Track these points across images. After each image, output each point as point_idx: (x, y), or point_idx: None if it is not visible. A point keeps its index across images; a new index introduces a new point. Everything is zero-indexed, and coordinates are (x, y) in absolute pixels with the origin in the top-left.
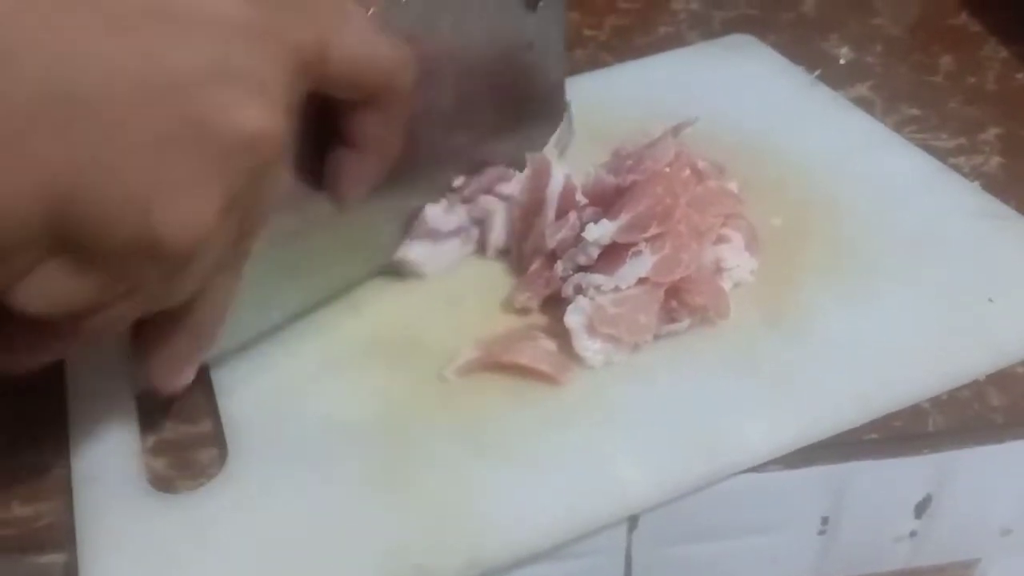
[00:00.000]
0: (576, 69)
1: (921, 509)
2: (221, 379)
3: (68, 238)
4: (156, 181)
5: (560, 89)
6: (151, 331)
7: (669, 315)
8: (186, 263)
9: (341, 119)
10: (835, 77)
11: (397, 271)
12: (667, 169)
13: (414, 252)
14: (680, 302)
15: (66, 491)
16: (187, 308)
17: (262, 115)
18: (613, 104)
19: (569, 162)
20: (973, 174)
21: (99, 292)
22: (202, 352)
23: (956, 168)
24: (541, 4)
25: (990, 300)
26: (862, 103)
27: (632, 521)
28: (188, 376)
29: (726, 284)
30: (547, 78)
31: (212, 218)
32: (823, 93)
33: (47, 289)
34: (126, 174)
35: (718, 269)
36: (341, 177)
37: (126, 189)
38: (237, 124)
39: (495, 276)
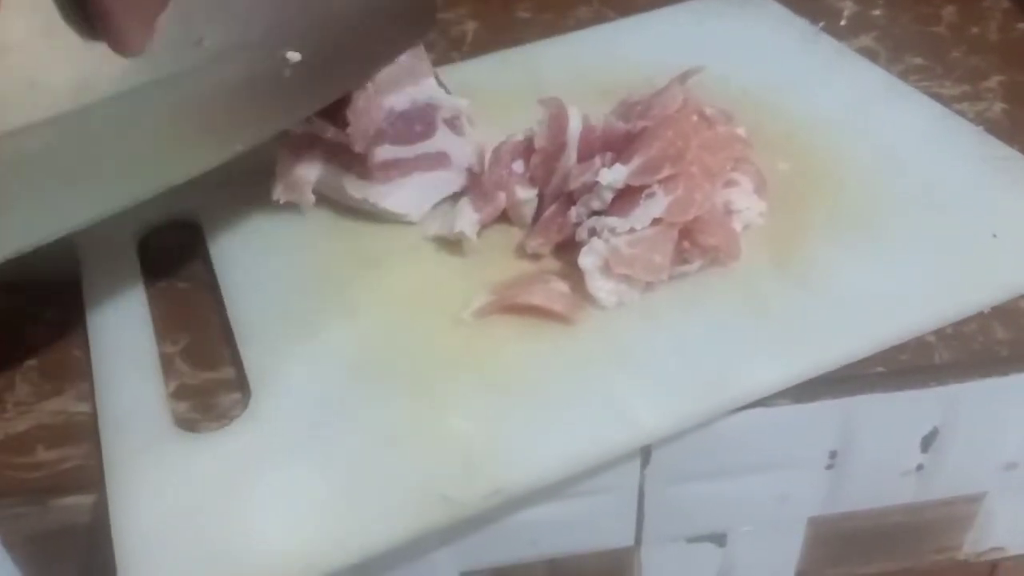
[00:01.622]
0: (580, 25)
1: (928, 442)
2: (241, 326)
3: None
4: None
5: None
6: None
7: (681, 256)
8: None
9: None
10: (839, 29)
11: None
12: (676, 114)
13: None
14: (693, 243)
15: (89, 436)
16: None
17: None
18: (618, 59)
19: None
20: (977, 119)
21: None
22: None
23: (961, 114)
24: None
25: (994, 236)
26: (867, 54)
27: (644, 457)
28: (149, 32)
29: (736, 226)
30: None
31: None
32: (828, 44)
33: None
34: None
35: (728, 212)
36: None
37: None
38: None
39: (504, 226)
